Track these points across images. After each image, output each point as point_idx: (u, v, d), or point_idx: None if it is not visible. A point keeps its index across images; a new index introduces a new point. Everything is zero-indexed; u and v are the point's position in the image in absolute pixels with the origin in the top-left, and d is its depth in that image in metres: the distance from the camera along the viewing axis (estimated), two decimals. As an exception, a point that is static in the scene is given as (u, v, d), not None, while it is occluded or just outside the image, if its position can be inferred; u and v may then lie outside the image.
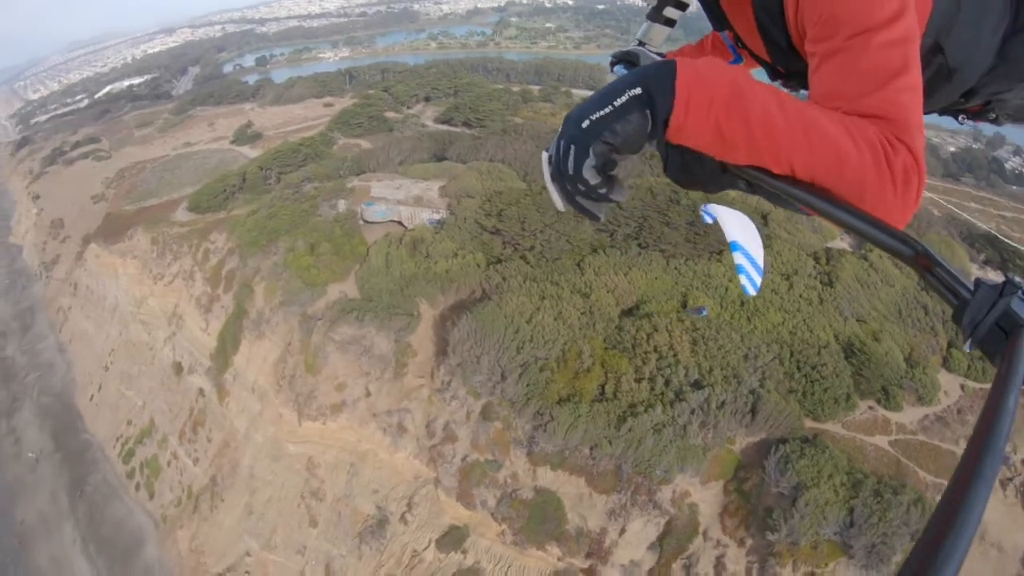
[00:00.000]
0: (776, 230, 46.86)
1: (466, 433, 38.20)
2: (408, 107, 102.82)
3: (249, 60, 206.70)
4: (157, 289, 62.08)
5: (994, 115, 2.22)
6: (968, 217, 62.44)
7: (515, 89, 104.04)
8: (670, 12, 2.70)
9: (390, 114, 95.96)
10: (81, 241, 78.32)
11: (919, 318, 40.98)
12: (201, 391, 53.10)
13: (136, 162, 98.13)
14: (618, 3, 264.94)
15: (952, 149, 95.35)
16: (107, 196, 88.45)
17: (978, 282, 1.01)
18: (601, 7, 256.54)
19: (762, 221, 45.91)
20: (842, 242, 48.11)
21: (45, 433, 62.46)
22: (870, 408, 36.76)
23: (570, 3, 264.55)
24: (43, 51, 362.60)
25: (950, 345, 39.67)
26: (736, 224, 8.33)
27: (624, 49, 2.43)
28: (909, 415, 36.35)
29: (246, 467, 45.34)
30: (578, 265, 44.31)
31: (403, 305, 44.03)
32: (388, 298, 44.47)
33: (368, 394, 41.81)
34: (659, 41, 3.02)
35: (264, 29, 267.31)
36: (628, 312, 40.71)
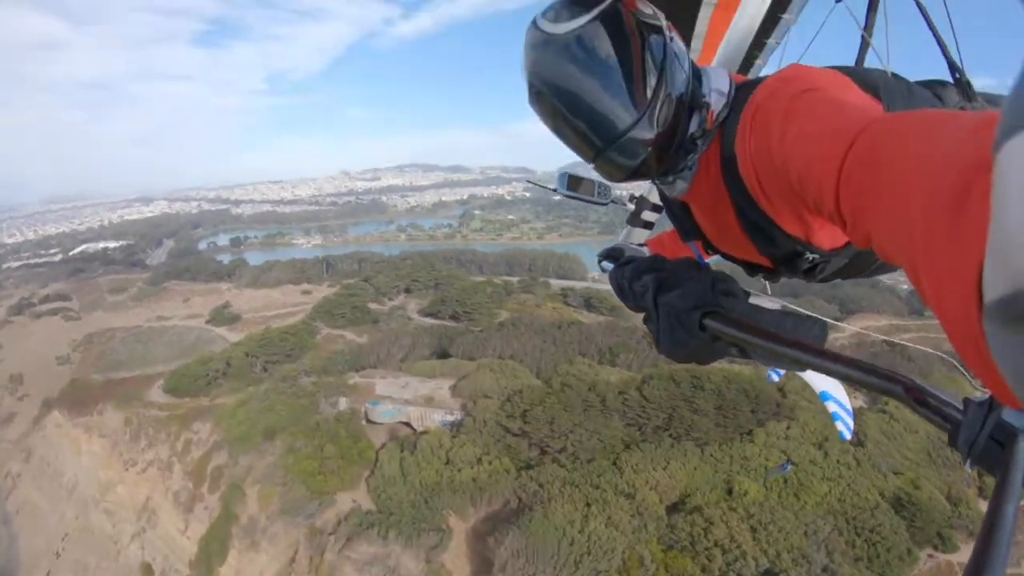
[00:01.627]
0: (797, 400, 47.73)
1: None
2: (390, 298, 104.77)
3: (224, 239, 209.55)
4: (128, 476, 58.02)
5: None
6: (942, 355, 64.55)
7: (497, 281, 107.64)
8: (648, 216, 2.89)
9: (373, 305, 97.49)
10: (41, 404, 74.46)
11: (947, 456, 42.24)
12: (176, 602, 47.50)
13: (106, 328, 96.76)
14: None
15: (906, 287, 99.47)
16: (73, 360, 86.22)
17: (967, 401, 0.99)
18: (557, 198, 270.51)
19: (780, 394, 47.25)
20: (856, 400, 48.61)
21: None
22: (930, 556, 37.27)
23: (527, 196, 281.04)
24: (21, 196, 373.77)
25: (980, 473, 39.74)
26: (815, 375, 8.23)
27: (608, 247, 2.46)
28: (966, 552, 35.83)
29: None
30: (615, 464, 43.54)
31: (429, 519, 41.81)
32: (411, 511, 42.27)
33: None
34: (640, 242, 3.14)
35: (239, 211, 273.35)
36: (675, 507, 40.12)
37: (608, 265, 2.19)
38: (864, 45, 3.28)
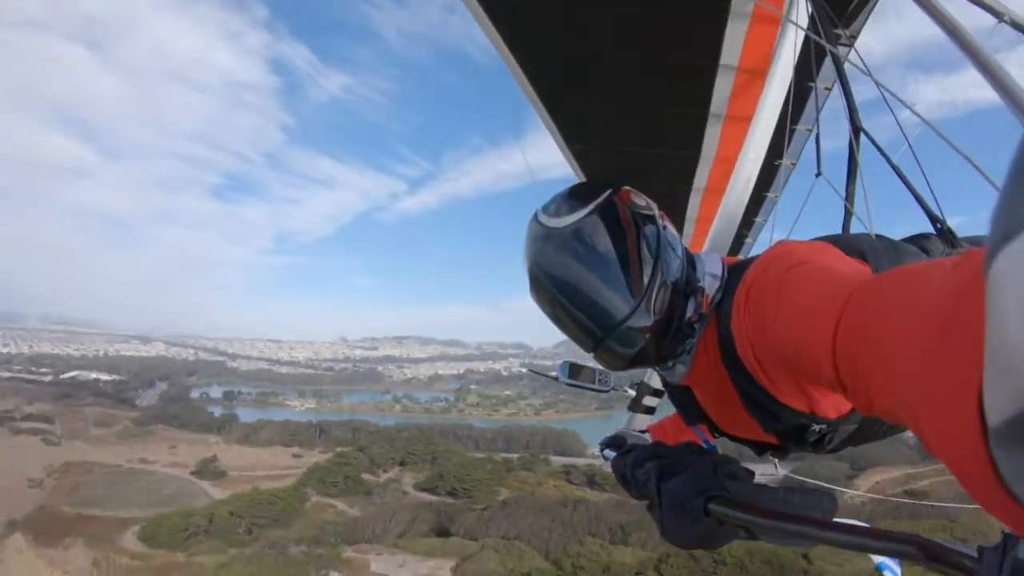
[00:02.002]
0: (824, 565, 45.99)
1: None
2: (384, 470, 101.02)
3: (217, 391, 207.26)
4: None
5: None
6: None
7: (497, 458, 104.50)
8: (649, 401, 2.79)
9: (367, 476, 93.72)
10: (6, 524, 68.39)
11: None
12: None
13: (85, 460, 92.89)
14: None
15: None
16: (46, 485, 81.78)
17: (981, 548, 0.97)
18: (553, 374, 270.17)
19: (806, 560, 45.82)
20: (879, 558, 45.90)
21: None
22: None
23: (523, 371, 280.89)
24: (21, 307, 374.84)
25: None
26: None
27: (610, 436, 2.56)
28: None
29: None
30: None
31: None
32: None
33: None
34: (642, 427, 3.15)
35: (235, 364, 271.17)
36: None
37: (610, 454, 2.27)
38: (847, 213, 3.69)
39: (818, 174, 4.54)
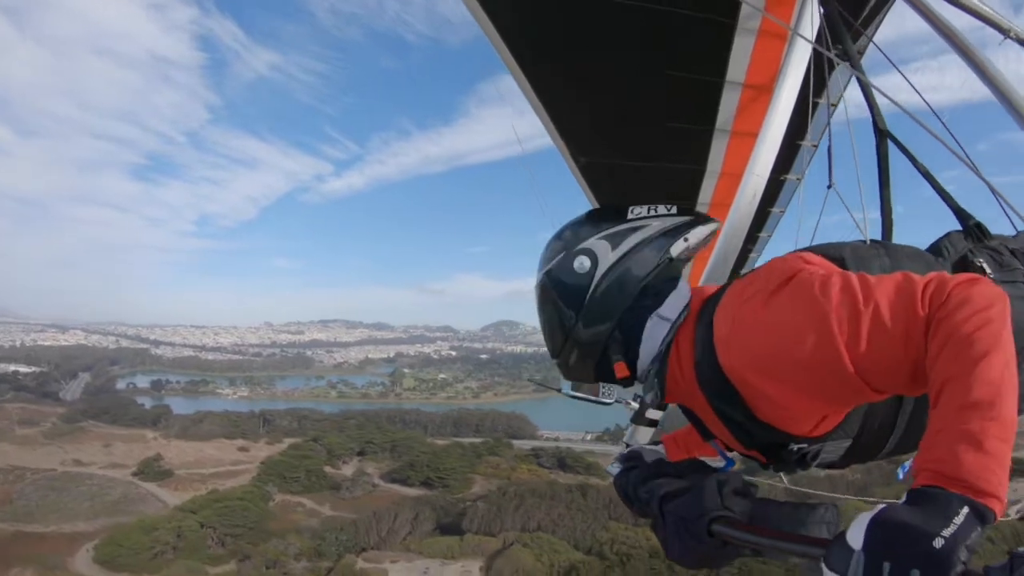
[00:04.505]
0: None
1: None
2: (344, 461, 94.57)
3: (143, 381, 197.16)
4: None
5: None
6: None
7: (465, 444, 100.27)
8: (652, 413, 2.52)
9: (328, 469, 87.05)
10: None
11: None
12: None
13: (15, 466, 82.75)
14: (497, 352, 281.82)
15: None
16: None
17: (987, 569, 1.00)
18: (484, 357, 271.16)
19: None
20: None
21: None
22: None
23: (454, 355, 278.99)
24: None
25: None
26: None
27: (625, 452, 2.43)
28: None
29: None
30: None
31: None
32: None
33: None
34: (645, 440, 3.17)
35: (159, 352, 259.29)
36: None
37: (614, 469, 2.27)
38: (888, 222, 3.50)
39: (829, 186, 4.47)
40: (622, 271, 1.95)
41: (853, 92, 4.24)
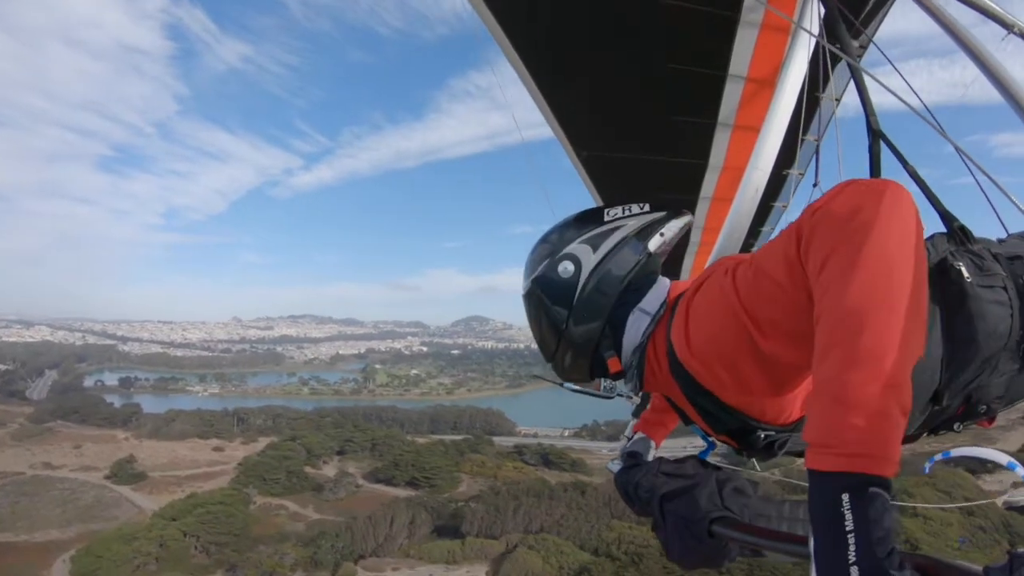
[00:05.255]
0: None
1: None
2: (324, 461, 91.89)
3: (112, 378, 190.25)
4: None
5: (984, 407, 1.86)
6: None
7: (447, 441, 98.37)
8: None
9: (309, 469, 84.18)
10: None
11: None
12: None
13: None
14: (468, 348, 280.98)
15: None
16: None
17: (987, 569, 0.98)
18: (456, 352, 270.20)
19: None
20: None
21: None
22: None
23: (425, 350, 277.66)
24: None
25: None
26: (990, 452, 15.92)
27: (628, 449, 2.52)
28: None
29: None
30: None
31: None
32: None
33: None
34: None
35: (126, 348, 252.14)
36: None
37: (614, 467, 2.33)
38: None
39: (815, 184, 4.72)
40: (604, 271, 2.03)
41: (852, 91, 3.87)
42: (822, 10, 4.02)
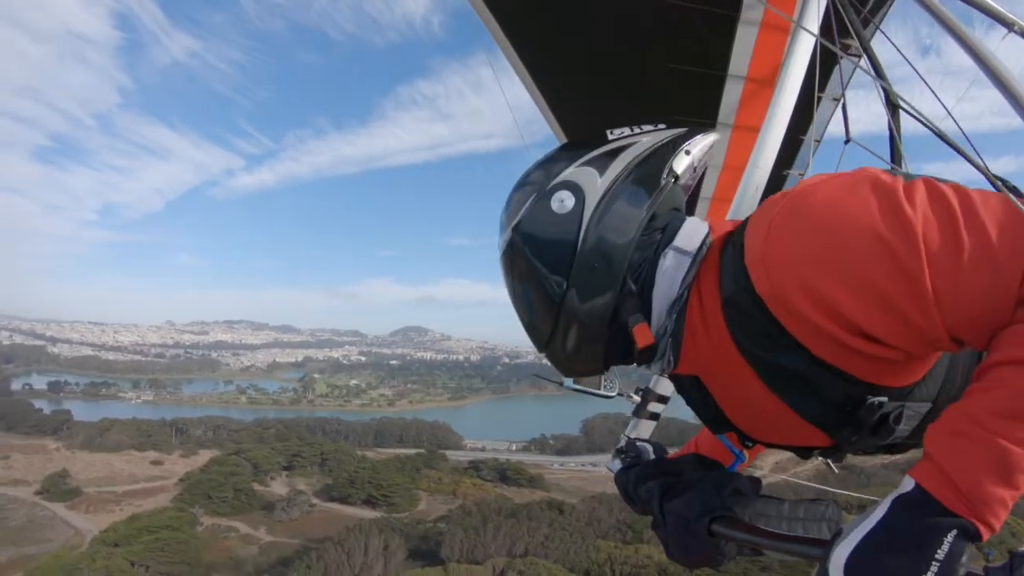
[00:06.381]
0: None
1: None
2: (272, 477, 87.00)
3: (40, 382, 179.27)
4: None
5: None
6: None
7: (403, 456, 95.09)
8: (654, 407, 2.59)
9: (257, 486, 79.33)
10: None
11: None
12: None
13: None
14: (407, 359, 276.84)
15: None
16: None
17: (987, 569, 0.96)
18: (395, 363, 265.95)
19: None
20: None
21: None
22: None
23: (364, 360, 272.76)
24: None
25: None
26: None
27: (627, 444, 2.10)
28: None
29: None
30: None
31: None
32: None
33: None
34: (647, 434, 3.01)
35: (56, 350, 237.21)
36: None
37: (615, 465, 2.09)
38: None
39: (847, 140, 4.11)
40: (621, 201, 1.44)
41: (852, 91, 4.35)
42: (822, 8, 4.07)
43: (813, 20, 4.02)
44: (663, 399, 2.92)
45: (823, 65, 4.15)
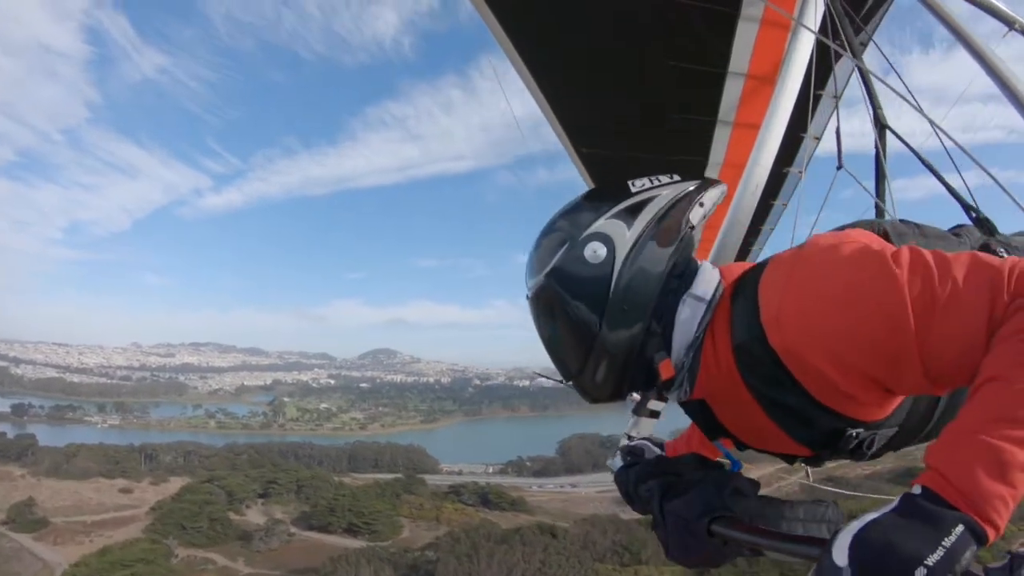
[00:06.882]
0: None
1: None
2: (247, 505, 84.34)
3: (3, 404, 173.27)
4: None
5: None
6: None
7: (383, 482, 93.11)
8: (654, 405, 2.39)
9: (233, 516, 76.73)
10: None
11: None
12: None
13: None
14: (377, 381, 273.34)
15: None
16: None
17: (986, 570, 0.98)
18: (364, 386, 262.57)
19: None
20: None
21: None
22: None
23: (333, 383, 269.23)
24: None
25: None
26: None
27: (627, 444, 2.24)
28: None
29: None
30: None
31: None
32: None
33: None
34: (647, 433, 3.04)
35: (19, 371, 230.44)
36: None
37: (616, 464, 2.16)
38: (878, 210, 3.87)
39: (839, 167, 4.54)
40: (647, 252, 1.64)
41: (852, 88, 4.47)
42: (822, 6, 4.07)
43: (810, 17, 4.05)
44: (665, 397, 2.62)
45: (823, 63, 4.31)
